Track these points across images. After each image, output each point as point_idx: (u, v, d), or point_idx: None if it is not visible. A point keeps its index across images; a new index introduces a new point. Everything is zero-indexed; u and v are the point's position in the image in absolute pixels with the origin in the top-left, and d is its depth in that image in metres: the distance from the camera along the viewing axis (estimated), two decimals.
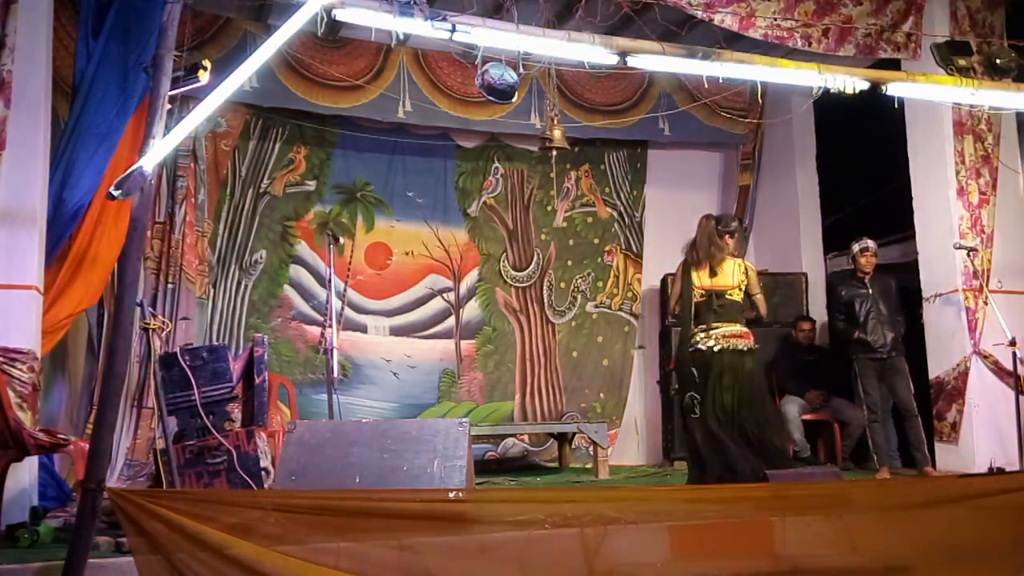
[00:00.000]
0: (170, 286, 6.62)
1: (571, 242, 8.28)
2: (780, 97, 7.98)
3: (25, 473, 4.38)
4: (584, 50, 4.45)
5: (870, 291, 6.33)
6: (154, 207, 6.48)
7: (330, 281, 5.83)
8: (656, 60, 4.59)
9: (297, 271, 7.37)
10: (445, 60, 7.31)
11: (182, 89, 4.40)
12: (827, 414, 7.00)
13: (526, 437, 7.71)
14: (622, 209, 8.39)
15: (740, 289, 5.40)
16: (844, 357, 6.60)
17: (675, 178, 8.54)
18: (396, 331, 7.61)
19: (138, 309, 4.04)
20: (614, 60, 4.53)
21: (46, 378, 5.21)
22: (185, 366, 4.52)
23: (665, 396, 7.74)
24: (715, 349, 5.24)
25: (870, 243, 6.39)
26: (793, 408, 6.87)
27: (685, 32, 6.26)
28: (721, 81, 5.07)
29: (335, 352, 5.61)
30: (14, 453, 4.11)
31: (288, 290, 7.33)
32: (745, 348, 5.30)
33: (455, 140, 7.91)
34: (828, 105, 5.73)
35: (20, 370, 4.35)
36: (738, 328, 5.32)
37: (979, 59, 5.33)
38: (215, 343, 6.63)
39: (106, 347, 5.91)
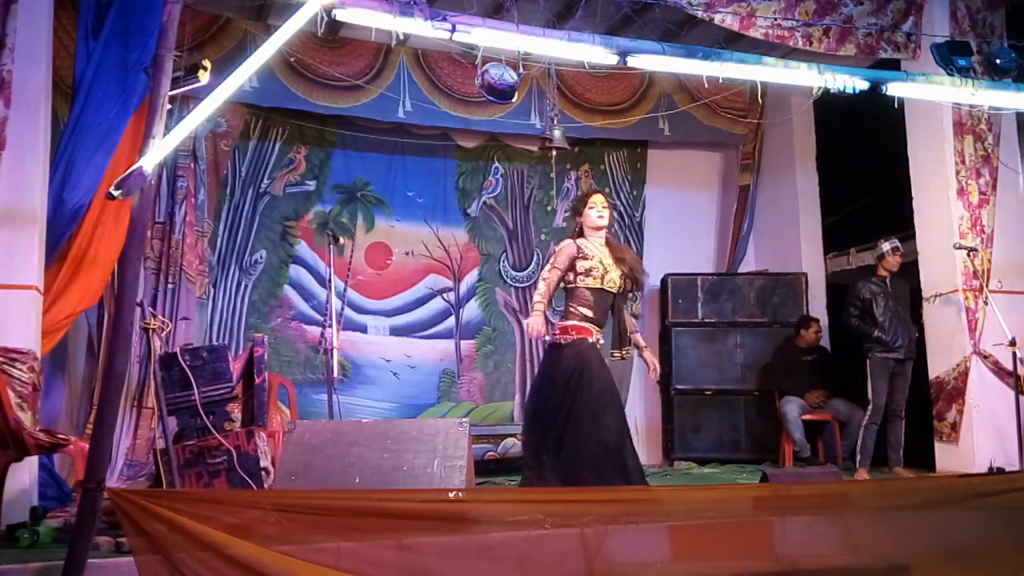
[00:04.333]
0: (170, 286, 6.61)
1: None
2: (780, 97, 7.97)
3: (25, 473, 4.38)
4: (584, 50, 4.45)
5: (889, 290, 6.35)
6: (154, 207, 6.48)
7: (330, 281, 5.83)
8: (656, 60, 4.60)
9: (297, 271, 7.37)
10: (445, 60, 7.30)
11: (182, 89, 4.39)
12: (827, 414, 7.00)
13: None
14: (622, 209, 8.38)
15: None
16: (846, 356, 6.58)
17: (675, 178, 8.54)
18: (396, 331, 7.61)
19: (138, 309, 4.03)
20: (614, 60, 4.53)
21: (46, 378, 5.20)
22: (185, 366, 4.52)
23: (665, 396, 7.79)
24: None
25: (898, 242, 6.42)
26: (793, 408, 6.86)
27: (685, 32, 6.27)
28: (721, 81, 5.07)
29: (335, 352, 5.61)
30: (14, 453, 4.11)
31: (288, 290, 7.33)
32: None
33: (455, 140, 7.90)
34: (828, 105, 5.73)
35: (20, 370, 4.35)
36: None
37: (979, 59, 5.33)
38: (215, 343, 6.63)
39: (106, 347, 5.91)
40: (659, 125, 8.04)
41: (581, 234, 4.87)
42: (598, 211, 4.83)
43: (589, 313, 4.70)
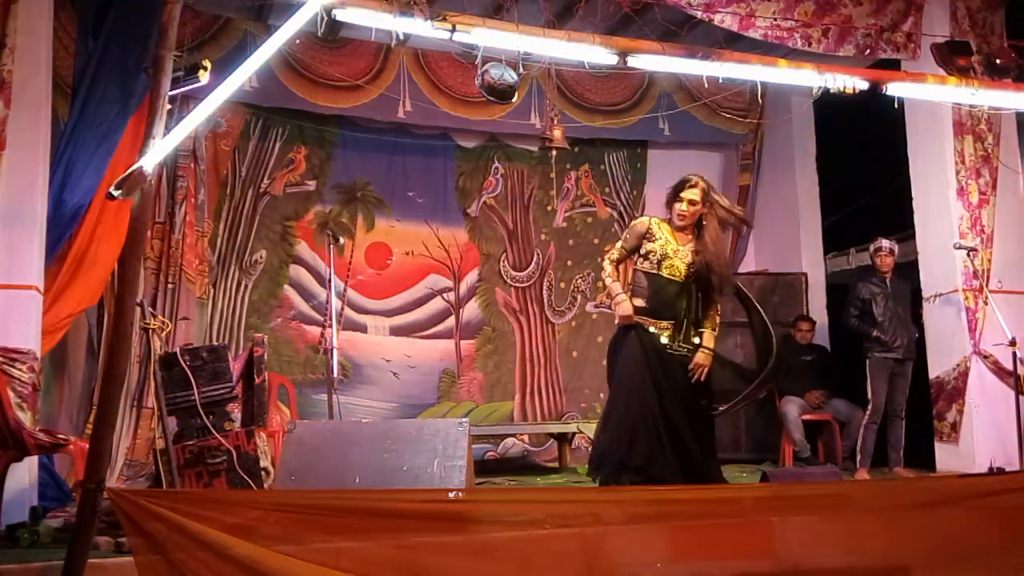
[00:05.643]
0: (170, 286, 6.62)
1: (571, 242, 8.28)
2: (780, 97, 7.97)
3: (25, 473, 4.39)
4: (584, 50, 4.45)
5: (889, 291, 6.35)
6: (154, 207, 6.48)
7: (330, 281, 5.83)
8: (656, 60, 4.60)
9: (297, 271, 7.37)
10: (445, 60, 7.31)
11: (182, 89, 4.42)
12: (827, 414, 7.00)
13: (526, 437, 7.71)
14: (622, 209, 8.39)
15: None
16: (846, 356, 6.57)
17: (675, 178, 8.39)
18: (396, 331, 7.61)
19: (138, 309, 4.03)
20: (614, 60, 4.53)
21: (46, 378, 5.21)
22: (185, 366, 4.52)
23: None
24: None
25: (884, 243, 6.41)
26: (793, 408, 6.86)
27: (685, 32, 6.26)
28: (721, 81, 5.07)
29: (335, 352, 5.62)
30: (14, 453, 4.11)
31: (288, 290, 7.33)
32: None
33: (455, 140, 7.91)
34: (828, 105, 5.73)
35: (20, 370, 4.36)
36: None
37: (979, 59, 5.33)
38: (215, 343, 6.62)
39: (106, 347, 5.91)
40: (659, 125, 8.06)
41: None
42: (680, 208, 4.60)
43: (641, 302, 4.51)
